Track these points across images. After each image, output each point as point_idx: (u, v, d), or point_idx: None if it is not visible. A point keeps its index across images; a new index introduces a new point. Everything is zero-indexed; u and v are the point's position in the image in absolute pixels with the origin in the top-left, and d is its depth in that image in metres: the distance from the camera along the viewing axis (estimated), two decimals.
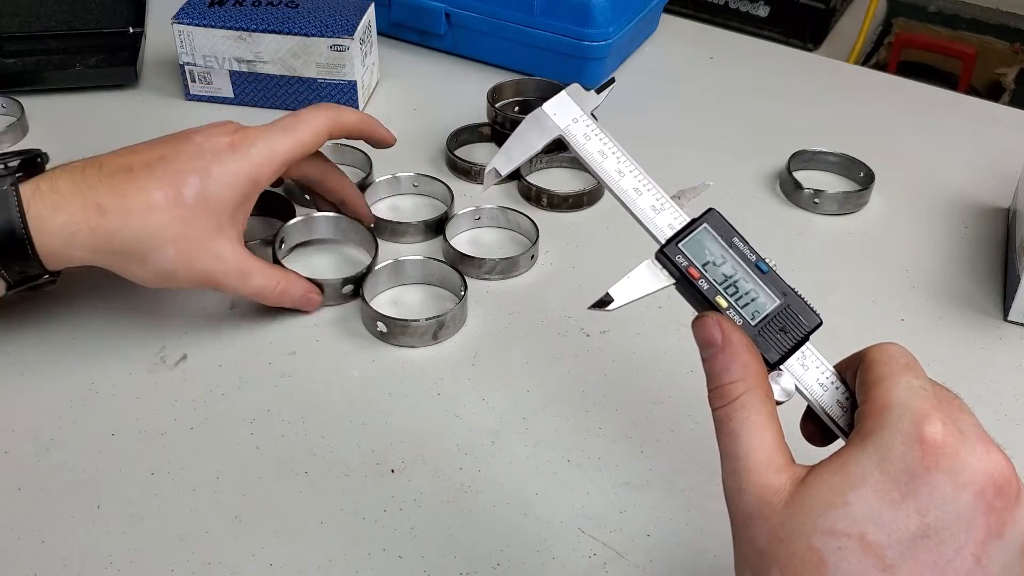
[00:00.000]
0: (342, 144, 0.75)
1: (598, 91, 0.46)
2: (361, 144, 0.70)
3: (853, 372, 0.41)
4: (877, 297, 0.66)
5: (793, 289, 0.42)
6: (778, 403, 0.41)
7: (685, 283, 0.42)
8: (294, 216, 0.68)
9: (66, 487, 0.51)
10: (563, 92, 0.45)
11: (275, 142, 0.58)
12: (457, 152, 0.77)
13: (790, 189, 0.75)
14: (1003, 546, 0.35)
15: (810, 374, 0.41)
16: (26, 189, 0.53)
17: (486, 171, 0.47)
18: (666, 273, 0.42)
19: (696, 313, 0.42)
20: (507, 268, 0.66)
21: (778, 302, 0.41)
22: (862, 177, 0.76)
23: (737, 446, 0.38)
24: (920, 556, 0.34)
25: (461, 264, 0.65)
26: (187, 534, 0.49)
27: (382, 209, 0.72)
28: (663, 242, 0.43)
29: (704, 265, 0.42)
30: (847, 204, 0.74)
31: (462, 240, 0.70)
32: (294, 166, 0.61)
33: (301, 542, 0.49)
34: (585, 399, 0.58)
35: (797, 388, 0.41)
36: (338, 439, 0.55)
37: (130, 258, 0.55)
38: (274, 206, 0.69)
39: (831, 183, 0.77)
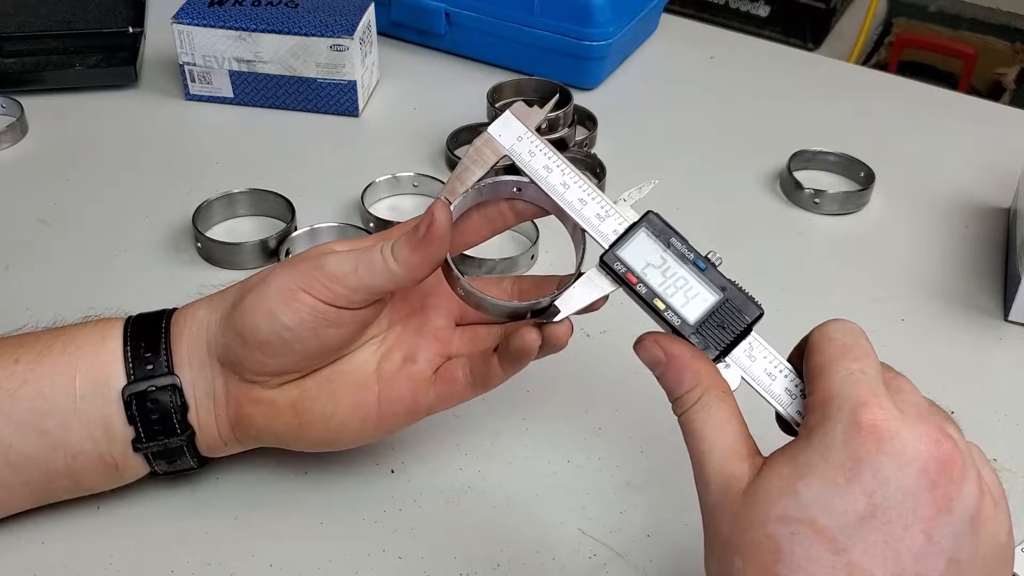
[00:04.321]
0: (262, 190, 0.70)
1: (541, 106, 0.46)
2: (281, 190, 0.69)
3: (801, 355, 0.42)
4: (877, 297, 0.66)
5: (733, 283, 0.42)
6: None
7: (626, 288, 0.43)
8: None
9: None
10: (507, 112, 0.45)
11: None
12: (457, 152, 0.77)
13: (790, 189, 0.75)
14: (953, 521, 0.36)
15: (758, 364, 0.42)
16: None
17: (437, 199, 0.45)
18: (609, 280, 0.43)
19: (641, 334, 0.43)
20: (507, 268, 0.66)
21: (716, 298, 0.42)
22: (862, 177, 0.76)
23: (701, 442, 0.40)
24: (869, 536, 0.35)
25: (461, 264, 0.65)
26: (187, 534, 0.49)
27: (382, 209, 0.72)
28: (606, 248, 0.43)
29: (644, 269, 0.42)
30: (847, 204, 0.74)
31: None
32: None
33: (301, 542, 0.49)
34: (585, 399, 0.57)
35: (744, 379, 0.42)
36: None
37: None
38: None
39: (831, 183, 0.77)
